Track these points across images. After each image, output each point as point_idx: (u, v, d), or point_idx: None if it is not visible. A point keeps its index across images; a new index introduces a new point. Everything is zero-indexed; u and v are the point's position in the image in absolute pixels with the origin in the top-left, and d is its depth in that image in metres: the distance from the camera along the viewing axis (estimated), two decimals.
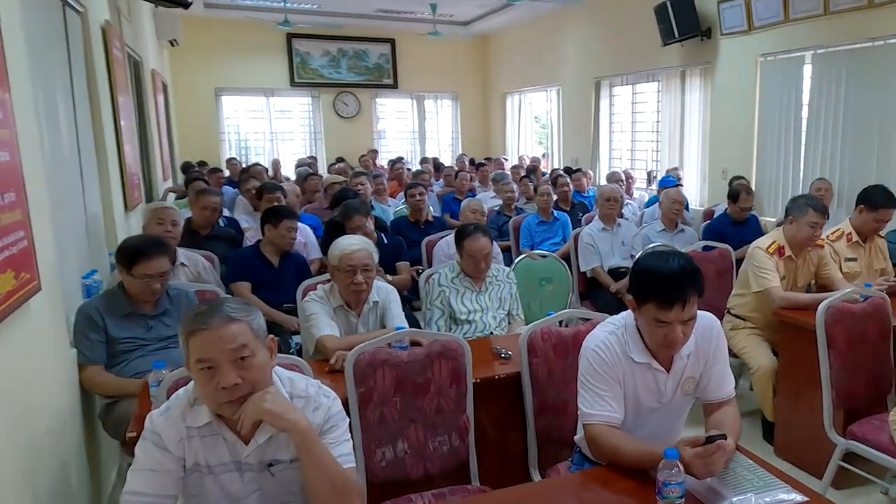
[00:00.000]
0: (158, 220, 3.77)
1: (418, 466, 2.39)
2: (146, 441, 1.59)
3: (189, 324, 1.56)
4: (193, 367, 1.55)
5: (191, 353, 1.55)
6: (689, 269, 1.88)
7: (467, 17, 11.47)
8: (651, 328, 1.92)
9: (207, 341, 1.53)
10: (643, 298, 1.90)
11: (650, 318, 1.89)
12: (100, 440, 2.97)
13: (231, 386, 1.53)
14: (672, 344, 1.91)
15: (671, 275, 1.85)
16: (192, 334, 1.54)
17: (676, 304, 1.84)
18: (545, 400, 2.57)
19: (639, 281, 1.94)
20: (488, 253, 3.37)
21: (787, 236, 3.58)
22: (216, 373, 1.53)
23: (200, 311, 1.58)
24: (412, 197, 5.60)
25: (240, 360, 1.55)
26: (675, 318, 1.85)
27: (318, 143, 12.25)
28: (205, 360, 1.53)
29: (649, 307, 1.88)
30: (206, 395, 1.57)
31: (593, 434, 1.95)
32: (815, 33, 5.96)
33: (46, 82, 3.08)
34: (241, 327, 1.57)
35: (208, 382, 1.54)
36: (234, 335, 1.54)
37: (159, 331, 2.90)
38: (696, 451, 1.68)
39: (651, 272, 1.89)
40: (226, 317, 1.56)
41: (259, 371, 1.59)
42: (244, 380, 1.55)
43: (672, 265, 1.87)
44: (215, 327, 1.53)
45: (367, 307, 3.00)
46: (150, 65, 7.28)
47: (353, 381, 2.30)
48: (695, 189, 7.85)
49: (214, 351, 1.53)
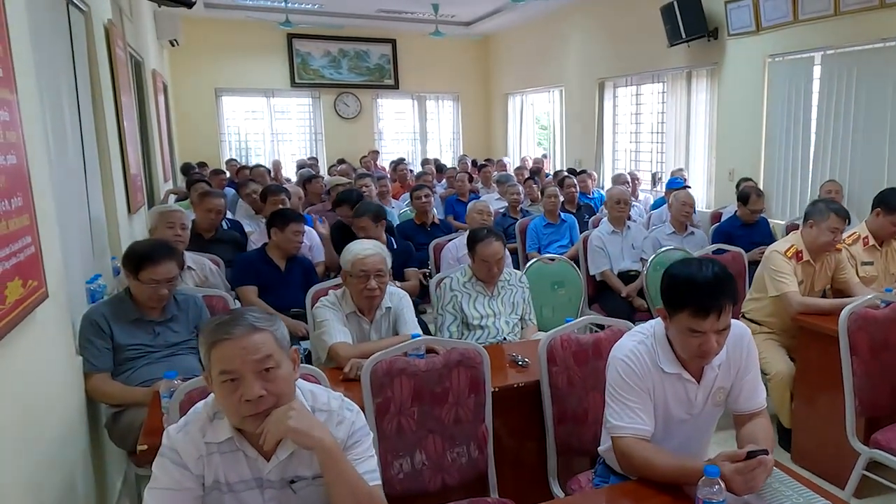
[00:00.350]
0: (168, 223, 3.69)
1: (436, 478, 2.32)
2: (164, 458, 1.52)
3: (211, 334, 1.49)
4: (216, 380, 1.49)
5: (213, 365, 1.48)
6: (723, 276, 1.82)
7: (469, 17, 11.40)
8: (684, 338, 1.86)
9: (231, 352, 1.46)
10: (676, 307, 1.84)
11: (683, 327, 1.83)
12: (105, 449, 2.91)
13: (256, 398, 1.47)
14: (706, 354, 1.85)
15: (706, 282, 1.79)
16: (214, 345, 1.48)
17: (712, 313, 1.78)
18: (565, 409, 2.50)
19: (671, 289, 1.88)
20: (501, 258, 3.31)
21: (805, 240, 3.51)
22: (240, 385, 1.47)
23: (222, 321, 1.51)
24: (417, 199, 5.54)
25: (264, 372, 1.49)
26: (709, 327, 1.80)
27: (319, 143, 12.17)
28: (228, 372, 1.47)
29: (682, 316, 1.82)
30: (229, 409, 1.50)
31: (623, 447, 1.89)
32: (824, 34, 5.89)
33: (51, 83, 3.02)
34: (265, 337, 1.51)
35: (231, 395, 1.47)
36: (258, 345, 1.48)
37: (167, 337, 2.83)
38: (737, 467, 1.62)
39: (685, 280, 1.83)
40: (249, 326, 1.50)
41: (284, 383, 1.53)
42: (269, 392, 1.48)
43: (706, 273, 1.81)
44: (239, 337, 1.47)
45: (380, 313, 2.93)
46: (151, 65, 7.21)
47: (369, 391, 2.23)
48: (701, 191, 7.78)
49: (238, 362, 1.46)
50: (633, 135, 9.36)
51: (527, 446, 2.65)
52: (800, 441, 3.46)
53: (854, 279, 3.61)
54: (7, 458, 1.83)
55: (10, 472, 1.84)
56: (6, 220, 1.81)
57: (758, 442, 1.83)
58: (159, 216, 3.73)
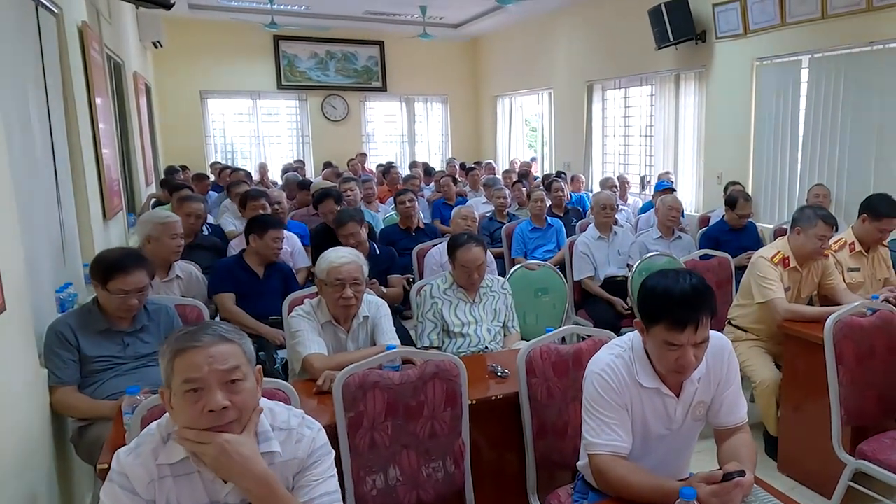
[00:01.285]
0: (171, 234, 3.59)
1: (411, 495, 2.26)
2: (112, 484, 1.44)
3: (177, 342, 1.44)
4: (177, 390, 1.42)
5: (175, 373, 1.42)
6: (701, 288, 1.77)
7: (458, 19, 11.35)
8: (661, 352, 1.80)
9: (198, 360, 1.41)
10: (653, 320, 1.78)
11: (660, 340, 1.78)
12: (72, 464, 2.81)
13: (219, 409, 1.40)
14: (683, 369, 1.80)
15: (682, 295, 1.74)
16: (179, 353, 1.42)
17: (689, 325, 1.73)
18: (545, 421, 2.44)
19: (648, 302, 1.82)
20: (481, 264, 3.24)
21: (793, 247, 3.46)
22: (203, 395, 1.40)
23: (189, 331, 1.46)
24: (402, 203, 5.47)
25: (230, 384, 1.43)
26: (687, 340, 1.74)
27: (306, 146, 12.08)
28: (193, 381, 1.40)
29: (659, 329, 1.77)
30: (189, 421, 1.42)
31: (599, 465, 1.83)
32: (812, 37, 5.88)
33: (17, 86, 2.93)
34: (233, 348, 1.46)
35: (193, 406, 1.40)
36: (226, 356, 1.43)
37: (136, 348, 2.74)
38: (713, 489, 1.57)
39: (661, 292, 1.78)
40: (218, 336, 1.45)
41: (249, 396, 1.47)
42: (233, 404, 1.42)
43: (683, 284, 1.76)
44: (207, 346, 1.42)
45: (357, 322, 2.85)
46: (132, 67, 7.10)
47: (342, 405, 2.16)
48: (690, 195, 7.75)
49: (205, 370, 1.40)
50: (621, 137, 9.33)
51: (506, 459, 2.59)
52: (786, 449, 3.41)
53: (841, 285, 3.56)
54: None
55: None
56: None
57: (740, 459, 1.77)
58: (162, 227, 3.58)
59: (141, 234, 3.63)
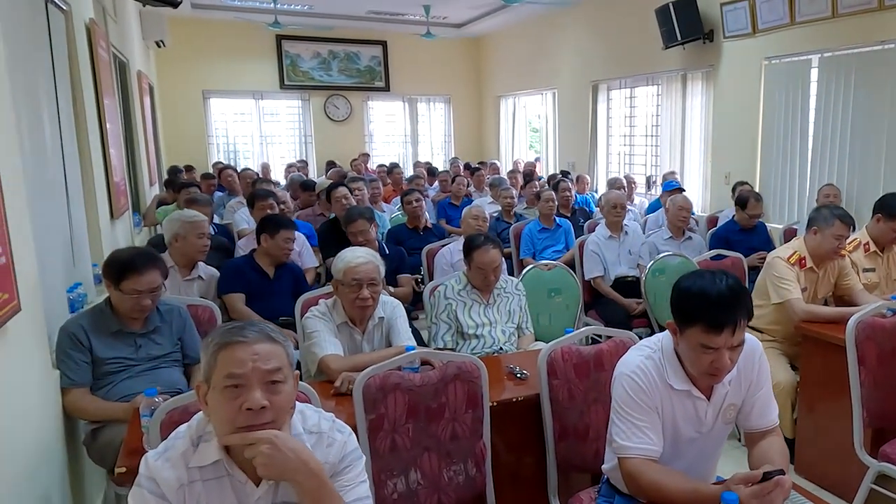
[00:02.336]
0: (199, 234, 3.60)
1: (432, 498, 2.22)
2: (141, 489, 1.39)
3: (222, 336, 1.41)
4: (217, 384, 1.38)
5: (218, 367, 1.38)
6: (738, 289, 1.72)
7: (461, 19, 11.31)
8: (696, 354, 1.76)
9: (243, 356, 1.38)
10: (688, 322, 1.74)
11: (695, 343, 1.73)
12: (84, 467, 2.77)
13: (258, 408, 1.37)
14: (718, 372, 1.75)
15: (720, 296, 1.69)
16: (224, 347, 1.39)
17: (726, 328, 1.68)
18: (566, 424, 2.40)
19: (682, 303, 1.77)
20: (498, 265, 3.21)
21: (809, 247, 3.43)
22: (243, 392, 1.37)
23: (236, 326, 1.44)
24: (409, 204, 5.43)
25: (270, 384, 1.40)
26: (723, 343, 1.70)
27: (309, 146, 12.04)
28: (235, 376, 1.37)
29: (694, 332, 1.72)
30: (225, 418, 1.38)
31: (631, 469, 1.78)
32: (822, 36, 5.84)
33: (28, 84, 2.88)
34: (277, 349, 1.43)
35: (231, 402, 1.37)
36: (270, 355, 1.41)
37: (149, 350, 2.70)
38: (753, 491, 1.53)
39: (697, 293, 1.73)
40: (264, 334, 1.43)
41: (287, 400, 1.44)
42: (272, 405, 1.39)
43: (720, 285, 1.71)
44: (252, 342, 1.39)
45: (373, 323, 2.81)
46: (136, 66, 7.06)
47: (362, 408, 2.12)
48: (697, 195, 7.71)
49: (248, 367, 1.37)
50: (627, 138, 9.29)
51: (525, 462, 2.55)
52: (803, 452, 3.37)
53: (858, 286, 3.53)
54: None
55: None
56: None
57: (773, 462, 1.74)
58: (189, 225, 3.58)
59: (168, 233, 3.62)
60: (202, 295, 3.54)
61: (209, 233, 3.72)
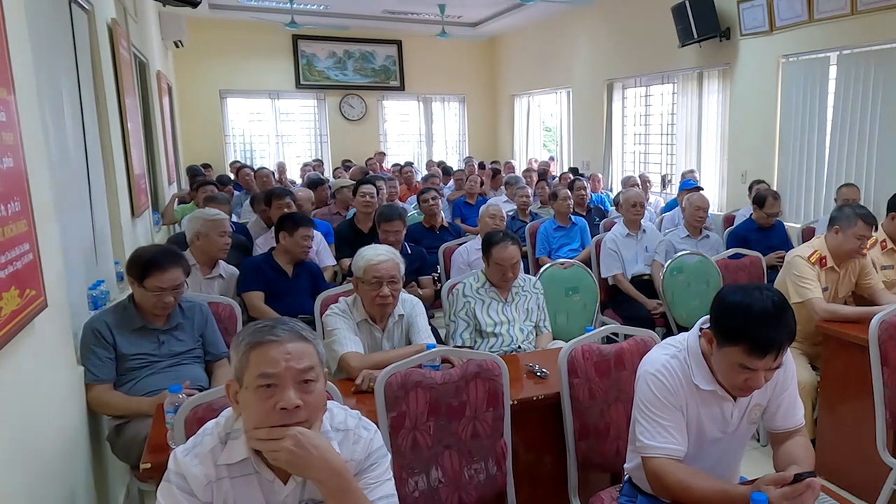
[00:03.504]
0: (220, 232, 3.63)
1: (453, 496, 2.22)
2: (170, 485, 1.40)
3: (253, 335, 1.41)
4: (251, 384, 1.38)
5: (251, 367, 1.38)
6: (786, 311, 1.66)
7: (476, 18, 11.31)
8: (731, 371, 1.71)
9: (276, 355, 1.38)
10: (729, 341, 1.68)
11: (733, 361, 1.68)
12: (107, 462, 2.81)
13: (292, 407, 1.36)
14: (751, 390, 1.72)
15: (766, 316, 1.63)
16: (256, 346, 1.39)
17: (770, 353, 1.63)
18: (586, 423, 2.40)
19: (726, 320, 1.70)
20: (517, 262, 3.21)
21: (830, 246, 3.40)
22: (276, 392, 1.37)
23: (267, 325, 1.43)
24: (425, 202, 5.43)
25: (303, 383, 1.40)
26: (763, 366, 1.65)
27: (324, 145, 12.09)
28: (268, 376, 1.37)
29: (735, 351, 1.66)
30: (258, 417, 1.38)
31: (656, 468, 1.77)
32: (840, 33, 5.78)
33: (52, 83, 2.92)
34: (309, 348, 1.43)
35: (264, 401, 1.37)
36: (303, 354, 1.41)
37: (171, 346, 2.73)
38: (783, 492, 1.51)
39: (743, 312, 1.66)
40: (296, 333, 1.42)
41: (319, 399, 1.44)
42: (304, 404, 1.39)
43: (767, 304, 1.65)
44: (285, 341, 1.39)
45: (393, 321, 2.82)
46: (155, 66, 7.12)
47: (384, 405, 2.13)
48: (713, 193, 7.67)
49: (281, 366, 1.37)
50: (641, 136, 9.25)
51: (545, 461, 2.55)
52: (824, 453, 3.33)
53: (879, 285, 3.49)
54: (5, 470, 1.74)
55: (8, 485, 1.75)
56: (2, 226, 1.71)
57: (799, 463, 1.72)
58: (211, 223, 3.62)
59: (190, 231, 3.65)
60: (223, 293, 3.56)
61: (230, 231, 3.74)
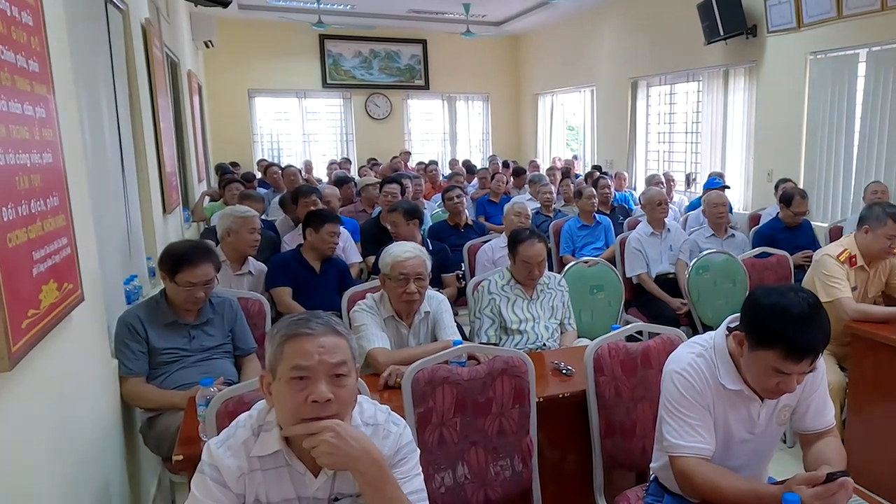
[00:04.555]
0: (250, 228, 3.70)
1: (479, 493, 2.24)
2: (203, 476, 1.43)
3: (288, 328, 1.43)
4: (284, 376, 1.40)
5: (285, 359, 1.40)
6: (820, 310, 1.63)
7: (500, 17, 11.31)
8: (763, 374, 1.68)
9: (310, 348, 1.40)
10: (764, 345, 1.65)
11: (767, 365, 1.65)
12: (140, 454, 2.87)
13: (323, 401, 1.38)
14: (781, 393, 1.71)
15: (803, 319, 1.60)
16: (290, 339, 1.41)
17: (806, 358, 1.60)
18: (612, 421, 2.40)
19: (761, 322, 1.66)
20: (542, 259, 3.21)
21: (860, 245, 3.35)
22: (308, 384, 1.39)
23: (302, 318, 1.46)
24: (449, 200, 5.45)
25: (335, 377, 1.41)
26: (798, 371, 1.63)
27: (350, 144, 12.18)
28: (302, 368, 1.38)
29: (769, 355, 1.63)
30: (290, 410, 1.40)
31: (684, 468, 1.75)
32: (870, 30, 5.70)
33: (89, 82, 2.98)
34: (342, 342, 1.45)
35: (297, 393, 1.39)
36: (336, 348, 1.42)
37: (202, 341, 2.78)
38: (816, 492, 1.49)
39: (780, 313, 1.62)
40: (330, 327, 1.44)
41: (350, 393, 1.46)
42: (336, 398, 1.40)
43: (803, 306, 1.61)
44: (319, 335, 1.41)
45: (419, 318, 2.85)
46: (186, 66, 7.23)
47: (411, 401, 2.15)
48: (739, 193, 7.60)
49: (315, 359, 1.39)
50: (665, 135, 9.19)
51: (570, 459, 2.56)
52: (852, 455, 3.24)
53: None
54: (42, 460, 1.79)
55: (44, 475, 1.79)
56: (41, 220, 1.75)
57: (831, 463, 1.70)
58: (241, 220, 3.68)
59: (220, 228, 3.72)
60: (252, 290, 3.60)
61: (260, 228, 3.79)
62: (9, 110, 1.56)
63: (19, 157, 1.61)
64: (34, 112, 1.75)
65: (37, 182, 1.73)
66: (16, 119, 1.61)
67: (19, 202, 1.60)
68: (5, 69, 1.56)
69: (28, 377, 1.68)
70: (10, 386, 1.56)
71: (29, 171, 1.68)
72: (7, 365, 1.48)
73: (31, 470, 1.71)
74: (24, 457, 1.65)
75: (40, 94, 1.82)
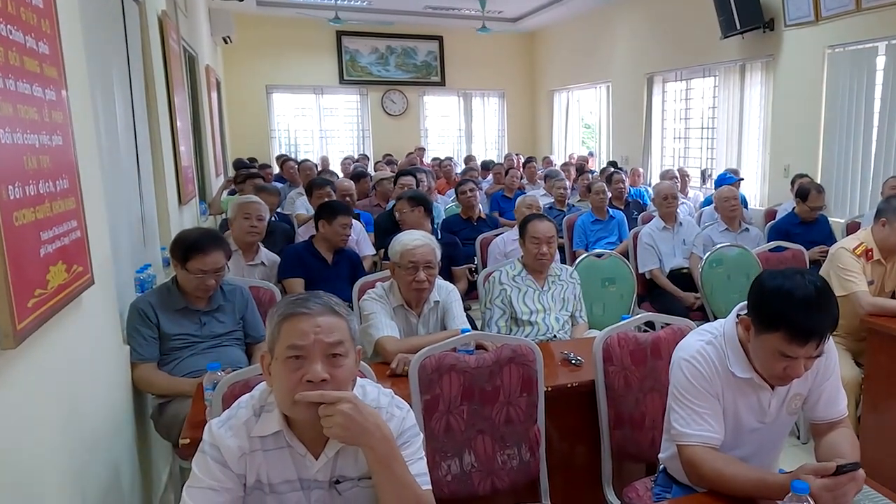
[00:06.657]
0: (245, 214, 3.73)
1: (486, 482, 2.23)
2: (204, 455, 1.42)
3: (286, 307, 1.43)
4: (280, 355, 1.40)
5: (281, 338, 1.40)
6: (828, 293, 1.61)
7: (516, 13, 11.28)
8: (770, 359, 1.66)
9: (306, 327, 1.39)
10: (768, 327, 1.62)
11: (773, 349, 1.63)
12: (151, 440, 2.89)
13: (318, 381, 1.37)
14: (790, 379, 1.68)
15: (808, 301, 1.58)
16: (287, 318, 1.41)
17: (812, 340, 1.58)
18: (621, 411, 2.39)
19: (765, 305, 1.65)
20: (553, 237, 3.20)
21: (876, 239, 3.30)
22: (304, 364, 1.38)
23: (301, 297, 1.45)
24: (463, 193, 5.46)
25: (332, 357, 1.40)
26: (804, 354, 1.60)
27: (366, 140, 12.20)
28: (297, 347, 1.38)
29: (774, 338, 1.61)
30: (286, 389, 1.39)
31: (692, 456, 1.73)
32: (889, 22, 5.60)
33: (103, 69, 3.00)
34: (340, 322, 1.44)
35: (293, 374, 1.38)
36: (333, 328, 1.41)
37: (212, 327, 2.80)
38: (825, 483, 1.45)
39: (785, 295, 1.60)
40: (329, 307, 1.43)
41: (348, 374, 1.44)
42: (332, 378, 1.39)
43: (809, 290, 1.59)
44: (316, 314, 1.40)
45: (429, 307, 2.85)
46: (204, 60, 7.28)
47: (417, 388, 2.15)
48: (755, 188, 7.52)
49: (310, 339, 1.38)
50: (681, 131, 9.12)
51: (579, 450, 2.55)
52: (867, 451, 3.22)
53: None
54: (52, 445, 1.79)
55: (54, 460, 1.80)
56: (50, 201, 1.76)
57: (843, 454, 1.67)
58: (237, 207, 3.75)
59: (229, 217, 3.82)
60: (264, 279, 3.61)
61: (261, 217, 3.79)
62: (17, 90, 1.57)
63: (27, 137, 1.62)
64: (43, 94, 1.76)
65: (45, 163, 1.74)
66: (23, 99, 1.61)
67: (27, 182, 1.60)
68: (14, 49, 1.57)
69: (36, 356, 1.69)
70: (16, 364, 1.57)
71: (37, 151, 1.68)
72: (12, 343, 1.48)
73: (41, 447, 1.71)
74: (32, 434, 1.66)
75: (50, 77, 1.83)
